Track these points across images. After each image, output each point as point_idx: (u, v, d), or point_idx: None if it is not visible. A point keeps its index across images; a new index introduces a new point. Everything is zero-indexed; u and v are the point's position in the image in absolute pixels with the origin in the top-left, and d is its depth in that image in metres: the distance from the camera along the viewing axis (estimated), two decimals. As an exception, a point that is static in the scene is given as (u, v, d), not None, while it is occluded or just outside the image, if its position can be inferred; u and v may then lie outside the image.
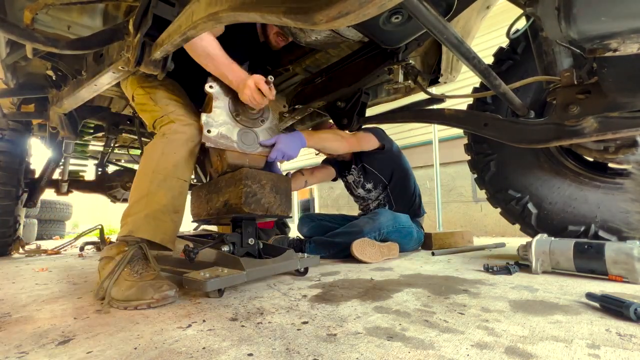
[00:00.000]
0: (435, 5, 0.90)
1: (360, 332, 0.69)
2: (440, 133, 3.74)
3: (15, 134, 2.35)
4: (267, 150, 1.29)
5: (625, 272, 1.09)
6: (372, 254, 1.64)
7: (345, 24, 0.52)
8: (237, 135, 1.22)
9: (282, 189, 1.26)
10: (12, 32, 1.05)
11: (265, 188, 1.20)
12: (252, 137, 1.26)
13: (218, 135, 1.18)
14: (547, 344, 0.62)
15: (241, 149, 1.22)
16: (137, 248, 1.05)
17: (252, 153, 1.25)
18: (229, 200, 1.20)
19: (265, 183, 1.21)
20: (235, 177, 1.19)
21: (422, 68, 1.79)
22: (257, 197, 1.17)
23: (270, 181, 1.22)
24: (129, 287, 0.94)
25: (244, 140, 1.23)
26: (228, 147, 1.19)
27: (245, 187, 1.14)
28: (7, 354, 0.64)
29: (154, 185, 1.13)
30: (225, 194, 1.23)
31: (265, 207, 1.19)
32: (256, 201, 1.16)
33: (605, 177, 1.46)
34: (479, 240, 2.80)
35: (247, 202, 1.14)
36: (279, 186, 1.25)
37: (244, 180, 1.15)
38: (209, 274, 1.02)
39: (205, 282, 0.96)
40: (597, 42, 0.67)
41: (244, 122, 1.24)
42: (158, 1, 0.97)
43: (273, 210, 1.21)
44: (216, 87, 1.21)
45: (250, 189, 1.15)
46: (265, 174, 1.23)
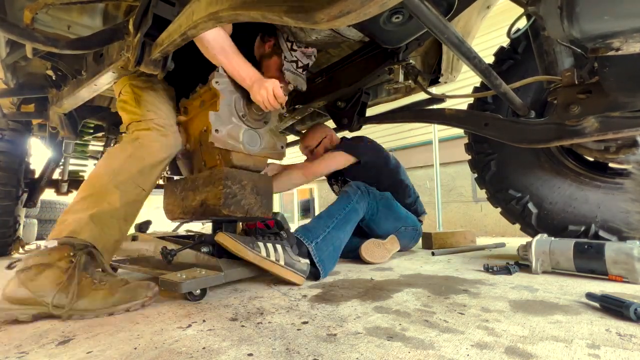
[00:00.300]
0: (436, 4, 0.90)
1: (360, 332, 0.69)
2: (440, 133, 3.74)
3: (15, 134, 2.35)
4: (269, 153, 1.26)
5: (625, 272, 1.09)
6: (379, 254, 1.64)
7: (346, 23, 0.51)
8: (242, 135, 1.19)
9: (263, 189, 1.22)
10: (12, 32, 1.05)
11: (246, 189, 1.15)
12: (256, 137, 1.23)
13: (226, 135, 1.14)
14: (547, 344, 0.62)
15: (247, 150, 1.19)
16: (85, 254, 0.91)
17: (256, 154, 1.22)
18: (206, 200, 1.14)
19: (246, 184, 1.16)
20: (215, 176, 1.13)
21: (422, 68, 1.79)
22: (237, 198, 1.12)
23: (251, 181, 1.18)
24: (106, 295, 0.85)
25: (249, 141, 1.20)
26: (235, 148, 1.16)
27: (225, 187, 1.09)
28: (7, 354, 0.63)
29: (110, 184, 1.03)
30: (202, 193, 1.17)
31: (245, 209, 1.14)
32: (236, 202, 1.11)
33: (605, 177, 1.46)
34: (479, 240, 2.80)
35: (227, 203, 1.08)
36: (260, 186, 1.21)
37: (224, 181, 1.09)
38: (186, 275, 0.98)
39: (180, 284, 0.92)
40: (600, 41, 0.67)
41: (249, 122, 1.21)
42: (158, 1, 0.97)
43: (253, 212, 1.17)
44: (223, 84, 1.16)
45: (230, 190, 1.10)
46: (247, 173, 1.18)
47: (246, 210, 1.15)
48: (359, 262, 1.62)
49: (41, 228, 4.68)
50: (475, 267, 1.44)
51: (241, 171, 1.18)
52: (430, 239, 2.22)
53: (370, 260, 1.59)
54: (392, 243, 1.74)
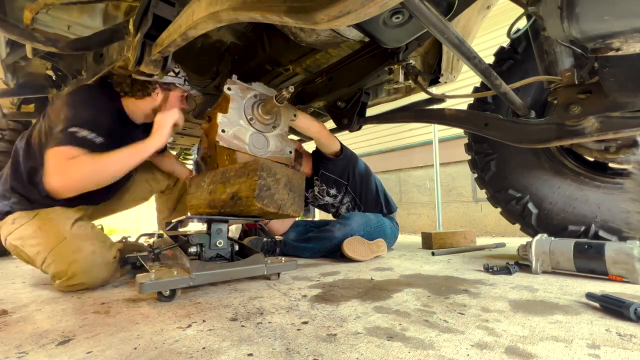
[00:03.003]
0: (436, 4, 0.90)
1: (360, 332, 0.69)
2: (440, 133, 3.74)
3: (15, 134, 2.35)
4: (276, 156, 1.31)
5: (625, 272, 1.09)
6: (362, 251, 1.66)
7: (346, 23, 0.51)
8: (249, 137, 1.24)
9: (296, 186, 1.17)
10: (12, 32, 1.05)
11: (280, 183, 1.11)
12: (263, 141, 1.28)
13: (232, 136, 1.19)
14: (547, 344, 0.62)
15: (252, 152, 1.24)
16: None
17: (261, 157, 1.27)
18: (238, 192, 1.09)
19: (280, 178, 1.11)
20: (249, 166, 1.09)
21: (422, 68, 1.79)
22: (271, 191, 1.07)
23: (285, 176, 1.13)
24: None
25: (255, 144, 1.25)
26: (240, 149, 1.21)
27: (260, 178, 1.05)
28: (7, 354, 0.64)
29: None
30: (234, 185, 1.12)
31: (278, 204, 1.09)
32: (269, 196, 1.06)
33: (605, 177, 1.46)
34: (479, 240, 2.80)
35: (260, 195, 1.03)
36: (293, 183, 1.16)
37: (259, 172, 1.05)
38: (155, 276, 0.96)
39: (141, 285, 0.91)
40: (600, 41, 0.67)
41: (257, 126, 1.27)
42: (158, 1, 0.97)
43: (285, 208, 1.12)
44: (234, 90, 1.23)
45: (265, 182, 1.06)
46: (281, 167, 1.15)
47: (279, 205, 1.10)
48: (358, 263, 1.63)
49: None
50: (475, 267, 1.44)
51: (276, 164, 1.15)
52: (430, 239, 2.22)
53: (352, 255, 1.62)
54: (379, 246, 1.77)
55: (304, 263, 1.66)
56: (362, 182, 2.13)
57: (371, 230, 1.87)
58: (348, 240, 1.67)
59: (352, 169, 2.12)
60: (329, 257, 1.83)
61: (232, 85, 1.24)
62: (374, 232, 1.88)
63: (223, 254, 1.21)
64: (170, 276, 0.98)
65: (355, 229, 1.81)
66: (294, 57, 1.87)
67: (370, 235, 1.83)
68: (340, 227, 1.81)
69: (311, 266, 1.57)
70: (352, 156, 2.16)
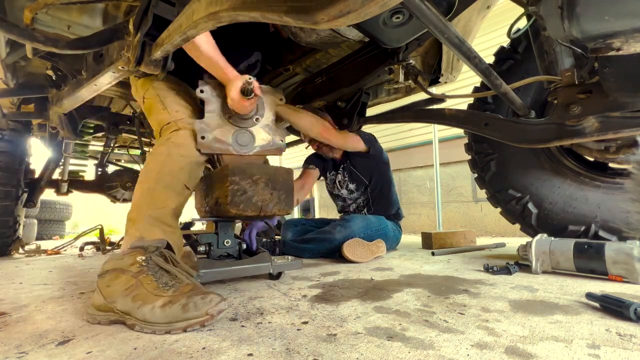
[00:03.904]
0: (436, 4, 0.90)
1: (360, 332, 0.69)
2: (440, 133, 3.74)
3: (15, 134, 2.35)
4: (264, 150, 1.25)
5: (625, 272, 1.09)
6: (362, 253, 1.66)
7: (347, 23, 0.51)
8: (232, 137, 1.18)
9: (281, 183, 1.13)
10: (12, 32, 1.05)
11: (259, 184, 1.09)
12: (248, 137, 1.21)
13: (213, 140, 1.14)
14: (547, 344, 0.62)
15: (237, 151, 1.19)
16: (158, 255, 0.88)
17: (248, 154, 1.21)
18: (219, 198, 1.10)
19: (259, 178, 1.09)
20: (223, 172, 1.09)
21: (422, 68, 1.79)
22: (248, 194, 1.06)
23: (265, 175, 1.10)
24: (165, 303, 0.74)
25: (240, 142, 1.19)
26: (224, 151, 1.16)
27: (232, 184, 1.03)
28: (7, 354, 0.63)
29: (159, 186, 1.04)
30: (216, 191, 1.14)
31: (258, 206, 1.08)
32: (246, 200, 1.05)
33: (605, 177, 1.46)
34: (479, 240, 2.80)
35: (234, 201, 1.03)
36: (277, 180, 1.12)
37: (231, 177, 1.04)
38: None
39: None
40: (600, 41, 0.67)
41: (237, 122, 1.19)
42: (158, 1, 0.97)
43: (269, 209, 1.10)
44: (207, 91, 1.18)
45: (239, 186, 1.05)
46: (259, 166, 1.13)
47: (259, 207, 1.08)
48: (357, 263, 1.63)
49: (41, 228, 4.68)
50: (475, 267, 1.44)
51: (252, 164, 1.15)
52: (430, 239, 2.22)
53: (352, 258, 1.62)
54: (378, 247, 1.77)
55: (304, 263, 1.66)
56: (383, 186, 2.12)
57: (372, 233, 1.87)
58: (348, 243, 1.66)
59: (377, 171, 2.11)
60: (329, 257, 1.83)
61: (204, 86, 1.18)
62: (374, 234, 1.88)
63: (231, 252, 1.23)
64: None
65: (355, 231, 1.81)
66: (294, 57, 1.88)
67: (370, 238, 1.83)
68: (340, 229, 1.81)
69: (311, 266, 1.57)
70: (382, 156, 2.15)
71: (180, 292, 0.77)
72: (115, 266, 0.85)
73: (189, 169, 1.12)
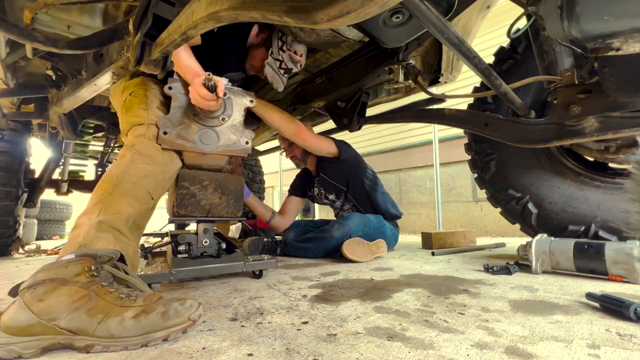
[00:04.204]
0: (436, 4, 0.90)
1: (360, 332, 0.69)
2: (440, 133, 3.74)
3: (15, 134, 2.35)
4: (228, 149, 1.25)
5: (625, 272, 1.09)
6: (362, 253, 1.66)
7: (346, 23, 0.51)
8: (195, 135, 1.19)
9: (230, 189, 1.24)
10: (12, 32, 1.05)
11: (208, 189, 1.19)
12: (212, 136, 1.22)
13: (175, 136, 1.15)
14: (547, 344, 0.62)
15: (200, 149, 1.19)
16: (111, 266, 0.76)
17: (211, 153, 1.22)
18: (174, 200, 1.19)
19: (208, 184, 1.20)
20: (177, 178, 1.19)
21: (422, 68, 1.79)
22: (196, 198, 1.17)
23: (214, 182, 1.21)
24: (137, 313, 0.65)
25: (203, 140, 1.20)
26: (185, 148, 1.17)
27: (181, 188, 1.15)
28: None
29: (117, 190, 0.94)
30: (173, 194, 1.24)
31: (206, 209, 1.19)
32: (194, 203, 1.17)
33: (605, 177, 1.46)
34: (479, 240, 2.80)
35: (183, 204, 1.15)
36: (226, 186, 1.23)
37: (180, 182, 1.15)
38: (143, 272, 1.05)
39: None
40: (600, 41, 0.67)
41: (202, 121, 1.20)
42: (158, 1, 0.97)
43: (217, 211, 1.21)
44: (175, 88, 1.19)
45: (188, 191, 1.16)
46: (209, 174, 1.22)
47: (207, 210, 1.20)
48: (358, 263, 1.63)
49: (41, 228, 4.69)
50: (475, 267, 1.44)
51: (201, 172, 1.22)
52: (430, 239, 2.22)
53: (351, 257, 1.62)
54: (379, 247, 1.77)
55: (304, 263, 1.66)
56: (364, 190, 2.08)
57: (370, 231, 1.87)
58: (347, 242, 1.67)
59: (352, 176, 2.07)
60: (329, 257, 1.83)
61: (173, 83, 1.18)
62: (373, 233, 1.87)
63: (210, 252, 1.25)
64: (154, 271, 1.06)
65: (353, 229, 1.81)
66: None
67: (369, 236, 1.82)
68: (338, 227, 1.81)
69: (311, 266, 1.57)
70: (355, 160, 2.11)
71: (151, 301, 0.69)
72: (55, 276, 0.68)
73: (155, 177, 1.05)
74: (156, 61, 1.05)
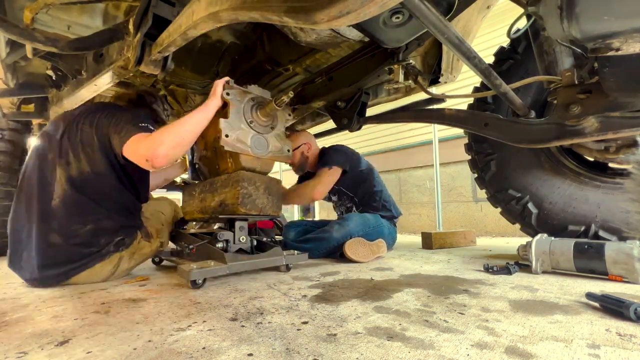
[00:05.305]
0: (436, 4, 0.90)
1: (360, 332, 0.69)
2: (440, 133, 3.74)
3: (15, 134, 2.35)
4: (276, 156, 1.37)
5: (625, 272, 1.09)
6: (363, 253, 1.67)
7: (346, 23, 0.51)
8: (250, 140, 1.29)
9: (274, 191, 1.37)
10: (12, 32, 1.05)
11: (260, 190, 1.30)
12: (263, 142, 1.34)
13: (235, 140, 1.25)
14: (547, 344, 0.62)
15: (254, 153, 1.30)
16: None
17: (263, 157, 1.33)
18: (225, 200, 1.29)
19: (260, 185, 1.30)
20: (232, 178, 1.28)
21: (422, 68, 1.79)
22: (252, 197, 1.27)
23: (264, 183, 1.32)
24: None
25: (256, 145, 1.31)
26: (243, 151, 1.27)
27: (242, 188, 1.24)
28: (7, 354, 0.64)
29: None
30: (221, 194, 1.32)
31: (259, 208, 1.30)
32: (251, 202, 1.27)
33: (605, 177, 1.46)
34: (479, 240, 2.80)
35: (244, 202, 1.24)
36: (271, 188, 1.35)
37: (241, 182, 1.24)
38: (196, 266, 1.13)
39: (189, 272, 1.09)
40: (600, 41, 0.67)
41: (256, 128, 1.32)
42: (158, 1, 0.97)
43: (266, 210, 1.32)
44: (232, 94, 1.28)
45: (247, 191, 1.25)
46: (259, 176, 1.32)
47: (260, 208, 1.30)
48: (358, 263, 1.63)
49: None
50: (475, 267, 1.44)
51: (255, 174, 1.31)
52: (430, 239, 2.22)
53: (353, 257, 1.63)
54: (379, 247, 1.78)
55: (304, 263, 1.66)
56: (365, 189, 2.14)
57: (369, 231, 1.87)
58: (349, 242, 1.68)
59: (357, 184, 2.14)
60: (329, 257, 1.83)
61: (230, 90, 1.27)
62: (372, 232, 1.88)
63: (245, 248, 1.37)
64: (210, 266, 1.15)
65: (353, 229, 1.81)
66: (293, 57, 1.88)
67: (368, 235, 1.83)
68: (338, 227, 1.81)
69: (311, 266, 1.57)
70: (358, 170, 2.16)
71: None
72: None
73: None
74: (156, 61, 1.06)
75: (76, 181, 1.23)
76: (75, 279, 1.24)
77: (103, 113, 1.31)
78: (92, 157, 1.25)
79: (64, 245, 1.19)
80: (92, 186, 1.24)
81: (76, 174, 1.24)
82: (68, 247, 1.20)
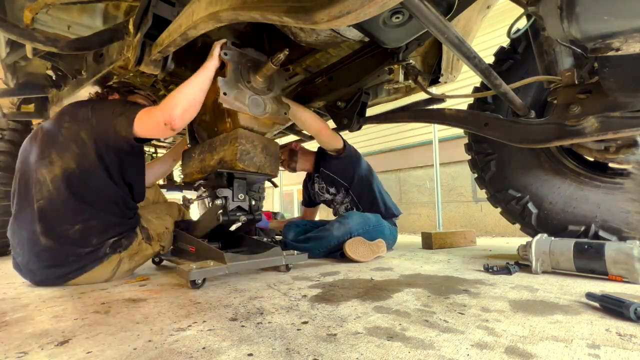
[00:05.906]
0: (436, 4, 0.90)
1: (360, 332, 0.69)
2: (440, 133, 3.74)
3: (15, 134, 2.35)
4: (273, 117, 1.39)
5: (625, 272, 1.09)
6: (363, 252, 1.67)
7: (346, 23, 0.51)
8: (248, 100, 1.32)
9: (271, 151, 1.40)
10: (12, 32, 1.05)
11: (257, 148, 1.34)
12: (260, 102, 1.36)
13: (233, 98, 1.27)
14: (547, 344, 0.62)
15: (252, 112, 1.32)
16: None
17: (260, 117, 1.36)
18: (224, 157, 1.31)
19: (257, 144, 1.34)
20: (230, 136, 1.31)
21: (422, 68, 1.79)
22: (250, 155, 1.31)
23: (261, 143, 1.36)
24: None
25: (254, 105, 1.34)
26: (241, 110, 1.30)
27: (240, 145, 1.27)
28: (7, 354, 0.64)
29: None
30: (220, 152, 1.34)
31: (257, 165, 1.33)
32: (249, 159, 1.31)
33: (605, 177, 1.46)
34: (479, 240, 2.80)
35: (242, 158, 1.27)
36: (269, 149, 1.39)
37: (240, 139, 1.27)
38: (195, 266, 1.14)
39: (189, 272, 1.09)
40: (600, 41, 0.67)
41: (253, 89, 1.34)
42: (158, 1, 0.97)
43: (264, 169, 1.36)
44: (230, 55, 1.29)
45: (245, 147, 1.29)
46: (257, 136, 1.35)
47: (258, 166, 1.34)
48: (357, 263, 1.63)
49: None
50: (475, 267, 1.44)
51: (252, 133, 1.34)
52: (430, 239, 2.22)
53: (354, 257, 1.63)
54: (379, 246, 1.78)
55: (304, 263, 1.66)
56: (363, 184, 2.14)
57: (370, 230, 1.87)
58: (350, 242, 1.67)
59: (353, 170, 2.14)
60: (329, 257, 1.83)
61: (228, 50, 1.29)
62: (372, 231, 1.88)
63: (244, 206, 1.40)
64: (209, 266, 1.16)
65: (353, 228, 1.81)
66: (294, 57, 1.87)
67: (368, 234, 1.83)
68: (338, 226, 1.81)
69: (311, 266, 1.57)
70: (355, 156, 2.18)
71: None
72: None
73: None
74: (156, 61, 1.06)
75: (61, 180, 1.20)
76: (75, 281, 1.24)
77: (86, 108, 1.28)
78: (78, 153, 1.22)
79: (56, 247, 1.18)
80: (78, 184, 1.21)
81: (60, 172, 1.21)
82: (61, 249, 1.19)
